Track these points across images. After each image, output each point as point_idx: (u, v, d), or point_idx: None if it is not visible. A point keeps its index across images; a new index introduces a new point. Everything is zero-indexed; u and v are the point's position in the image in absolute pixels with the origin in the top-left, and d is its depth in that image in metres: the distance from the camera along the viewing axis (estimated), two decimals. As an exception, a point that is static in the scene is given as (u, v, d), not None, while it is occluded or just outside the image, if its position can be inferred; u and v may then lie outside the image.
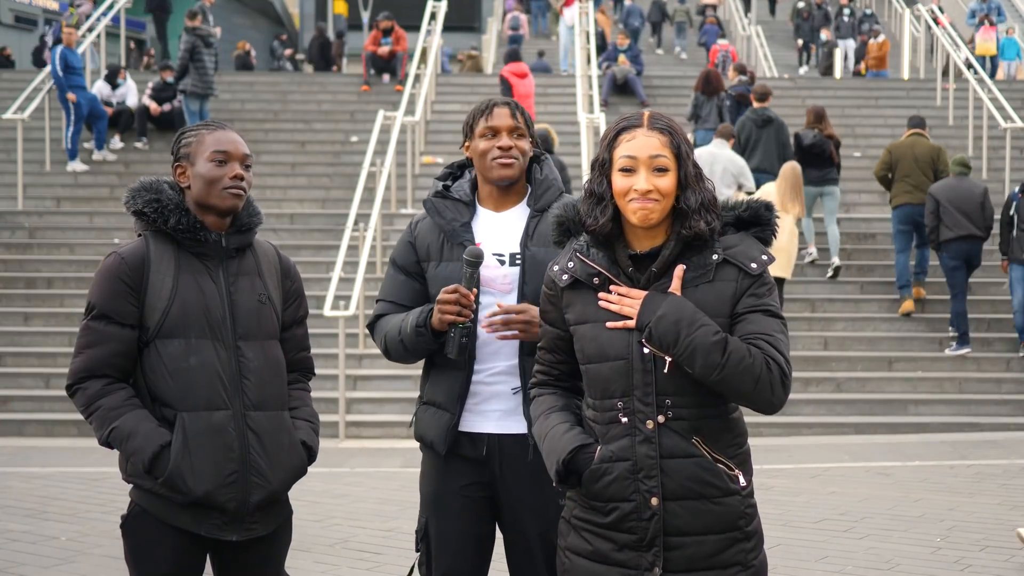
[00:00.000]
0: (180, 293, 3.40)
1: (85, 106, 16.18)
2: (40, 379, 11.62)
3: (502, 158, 3.69)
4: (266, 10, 38.86)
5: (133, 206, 3.51)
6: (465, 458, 3.73)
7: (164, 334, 3.39)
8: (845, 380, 11.75)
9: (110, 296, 3.39)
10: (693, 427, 3.02)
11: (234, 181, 3.46)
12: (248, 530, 3.46)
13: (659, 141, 3.04)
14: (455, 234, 3.72)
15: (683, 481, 3.01)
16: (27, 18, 30.71)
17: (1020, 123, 15.87)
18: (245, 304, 3.49)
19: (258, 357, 3.49)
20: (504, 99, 3.78)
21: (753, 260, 3.04)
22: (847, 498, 8.07)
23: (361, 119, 17.68)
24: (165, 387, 3.39)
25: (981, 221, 11.83)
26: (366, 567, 6.40)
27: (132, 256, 3.43)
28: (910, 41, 21.47)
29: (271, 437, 3.48)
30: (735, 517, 3.04)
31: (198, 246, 3.47)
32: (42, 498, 8.04)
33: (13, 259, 13.90)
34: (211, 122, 3.59)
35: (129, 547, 3.50)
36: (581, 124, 14.60)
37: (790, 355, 3.09)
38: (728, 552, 3.04)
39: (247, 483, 3.42)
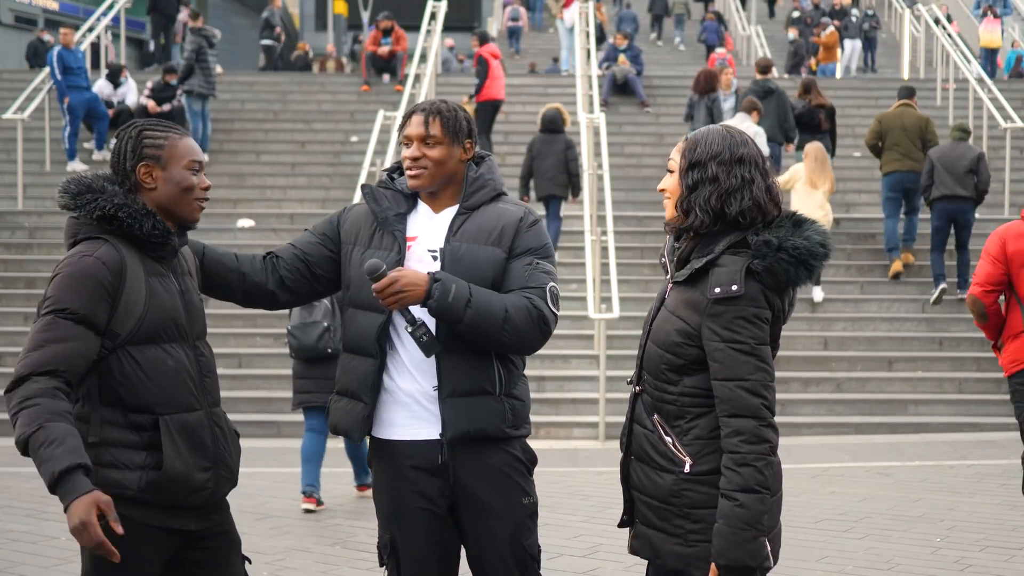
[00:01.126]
0: (153, 299, 3.36)
1: (81, 107, 16.19)
2: (40, 379, 11.62)
3: (410, 168, 3.70)
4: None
5: (98, 210, 3.33)
6: (418, 468, 3.66)
7: (139, 340, 3.33)
8: (845, 380, 11.76)
9: (88, 299, 3.26)
10: (655, 406, 3.36)
11: (204, 192, 3.48)
12: (208, 520, 3.50)
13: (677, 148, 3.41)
14: (387, 223, 3.71)
15: (638, 446, 3.42)
16: (27, 18, 30.70)
17: (1020, 123, 15.88)
18: (195, 303, 3.51)
19: (210, 354, 3.55)
20: (425, 105, 3.74)
21: (719, 285, 3.22)
22: (847, 498, 8.08)
23: (361, 119, 17.69)
24: (144, 392, 3.34)
25: (969, 183, 12.33)
26: (366, 567, 6.40)
27: (112, 262, 3.30)
28: (910, 41, 21.46)
29: (228, 431, 3.56)
30: (667, 492, 3.31)
31: (159, 250, 3.42)
32: (42, 498, 8.02)
33: (13, 259, 13.91)
34: (172, 126, 3.52)
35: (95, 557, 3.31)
36: (581, 124, 14.59)
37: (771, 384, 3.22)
38: (667, 523, 3.33)
39: (219, 478, 3.47)
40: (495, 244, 3.67)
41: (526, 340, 3.64)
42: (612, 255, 11.83)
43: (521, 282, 3.65)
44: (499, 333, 3.58)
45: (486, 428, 3.63)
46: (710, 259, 3.25)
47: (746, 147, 3.32)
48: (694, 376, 3.27)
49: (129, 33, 22.14)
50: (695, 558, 3.28)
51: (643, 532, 3.42)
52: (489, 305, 3.57)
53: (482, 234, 3.67)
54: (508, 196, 3.83)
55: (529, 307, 3.62)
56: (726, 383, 3.18)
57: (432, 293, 3.52)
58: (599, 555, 6.62)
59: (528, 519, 3.73)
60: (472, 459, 3.65)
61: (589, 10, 19.58)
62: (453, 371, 3.61)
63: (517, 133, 17.16)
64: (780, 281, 3.21)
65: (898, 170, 13.02)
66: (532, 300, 3.63)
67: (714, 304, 3.20)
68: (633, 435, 3.43)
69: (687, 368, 3.27)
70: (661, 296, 3.44)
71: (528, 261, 3.68)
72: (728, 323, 3.19)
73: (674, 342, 3.28)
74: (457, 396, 3.61)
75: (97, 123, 16.66)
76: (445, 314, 3.55)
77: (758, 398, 3.17)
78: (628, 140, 17.47)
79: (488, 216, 3.71)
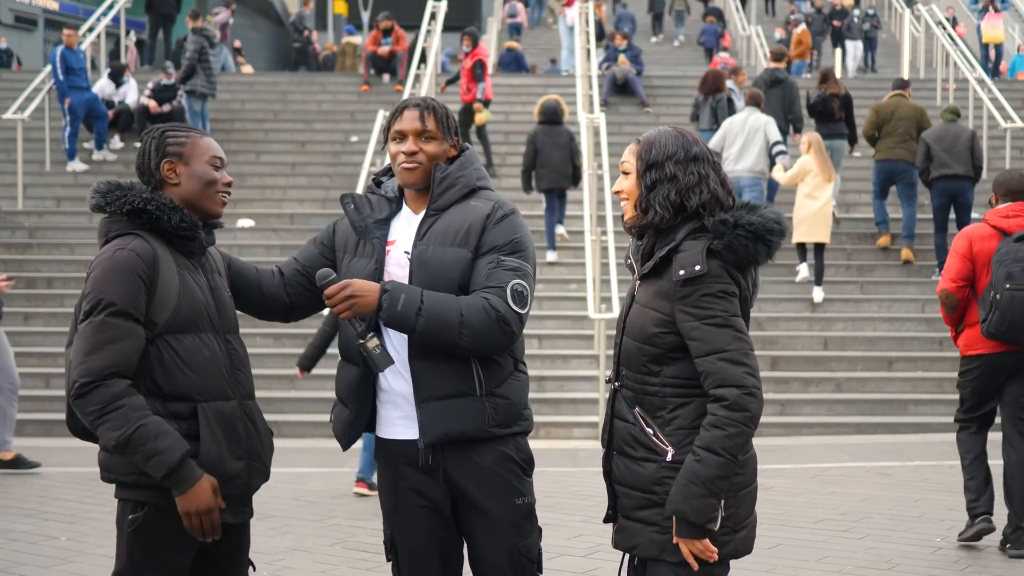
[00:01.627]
0: (186, 289, 3.45)
1: (82, 107, 16.19)
2: (40, 379, 11.63)
3: (405, 163, 3.67)
4: (266, 10, 38.84)
5: (127, 204, 3.44)
6: (416, 467, 3.67)
7: (175, 329, 3.42)
8: (845, 380, 11.75)
9: (129, 291, 3.36)
10: (636, 399, 3.45)
11: (226, 188, 3.59)
12: (242, 513, 3.57)
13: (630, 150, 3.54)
14: (366, 231, 3.71)
15: (619, 440, 3.49)
16: (27, 18, 30.69)
17: (1020, 123, 15.88)
18: (224, 299, 3.60)
19: (241, 349, 3.62)
20: (417, 100, 3.73)
21: (683, 267, 3.33)
22: (847, 498, 8.07)
23: (361, 119, 17.69)
24: (183, 380, 3.41)
25: (967, 162, 12.64)
26: (366, 567, 6.40)
27: (145, 253, 3.40)
28: (910, 41, 21.46)
29: (261, 424, 3.62)
30: (649, 481, 3.39)
31: (188, 244, 3.51)
32: (42, 498, 8.04)
33: (13, 259, 13.90)
34: (193, 128, 3.64)
35: (140, 548, 3.41)
36: (581, 124, 14.59)
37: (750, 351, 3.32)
38: (648, 511, 3.40)
39: (251, 469, 3.54)
40: (461, 245, 3.61)
41: (487, 342, 3.55)
42: (612, 255, 11.83)
43: (483, 281, 3.58)
44: (457, 338, 3.51)
45: (465, 430, 3.60)
46: (672, 247, 3.36)
47: (697, 145, 3.48)
48: (674, 365, 3.38)
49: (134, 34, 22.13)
50: (668, 543, 3.36)
51: (624, 525, 3.50)
52: (443, 310, 3.50)
53: (448, 235, 3.62)
54: (486, 190, 3.74)
55: (487, 308, 3.53)
56: (707, 358, 3.29)
57: (382, 304, 3.50)
58: (599, 555, 6.61)
59: (523, 520, 3.69)
60: (462, 459, 3.63)
61: (589, 10, 19.58)
62: (426, 376, 3.60)
63: (517, 133, 17.15)
64: (740, 257, 3.33)
65: (887, 159, 13.36)
66: (489, 300, 3.54)
67: (681, 286, 3.32)
68: (614, 430, 3.51)
69: (666, 357, 3.38)
70: (631, 294, 3.54)
71: (491, 260, 3.59)
72: (697, 301, 3.31)
73: (651, 333, 3.38)
74: (433, 400, 3.59)
75: (97, 123, 16.66)
76: (396, 323, 3.53)
77: (740, 367, 3.28)
78: (628, 140, 17.24)
79: (456, 216, 3.65)
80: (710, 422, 3.27)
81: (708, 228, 3.36)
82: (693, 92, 17.37)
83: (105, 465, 3.48)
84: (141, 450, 3.29)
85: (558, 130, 13.63)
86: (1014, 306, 6.34)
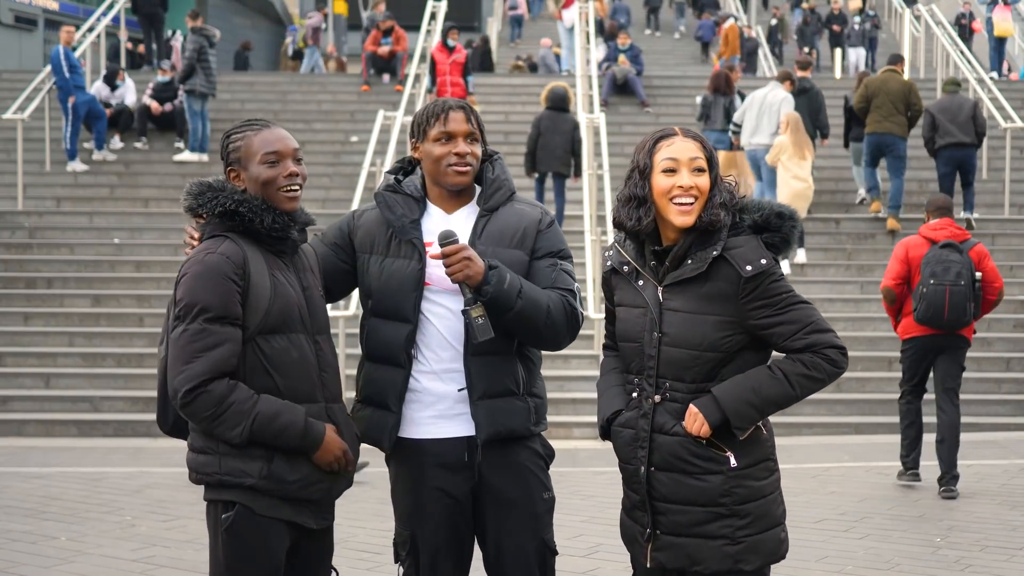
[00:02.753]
0: (278, 290, 3.42)
1: (83, 107, 16.18)
2: (40, 379, 11.63)
3: (458, 165, 3.66)
4: (266, 10, 38.81)
5: (219, 206, 3.40)
6: (442, 465, 3.68)
7: (266, 331, 3.39)
8: (845, 380, 11.74)
9: (222, 296, 3.33)
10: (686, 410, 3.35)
11: (288, 180, 3.47)
12: (324, 519, 3.56)
13: (695, 146, 3.39)
14: (404, 231, 3.69)
15: (667, 455, 3.38)
16: (27, 18, 30.68)
17: (1020, 123, 15.87)
18: (316, 299, 3.55)
19: (330, 350, 3.58)
20: (459, 102, 3.73)
21: (749, 263, 3.30)
22: (847, 498, 8.08)
23: (361, 119, 17.68)
24: (266, 382, 3.39)
25: (971, 130, 13.47)
26: (366, 567, 6.40)
27: (235, 255, 3.37)
28: (910, 41, 21.46)
29: (346, 428, 3.57)
30: (716, 494, 3.34)
31: (279, 244, 3.47)
32: (42, 498, 8.04)
33: (13, 259, 13.90)
34: (254, 121, 3.57)
35: (235, 548, 3.39)
36: (581, 124, 14.59)
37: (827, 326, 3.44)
38: (713, 525, 3.35)
39: (335, 475, 3.51)
40: (517, 246, 3.68)
41: (561, 335, 3.68)
42: (612, 255, 11.81)
43: (548, 282, 3.67)
44: (541, 326, 3.61)
45: (515, 428, 3.68)
46: (723, 246, 3.33)
47: None
48: (731, 365, 3.36)
49: (131, 33, 22.11)
50: (744, 552, 3.36)
51: (673, 542, 3.41)
52: (537, 297, 3.60)
53: (505, 236, 3.67)
54: (520, 195, 3.84)
55: (566, 304, 3.66)
56: (797, 336, 3.34)
57: (489, 279, 3.52)
58: (599, 555, 6.61)
59: (546, 513, 3.79)
60: (499, 457, 3.68)
61: (589, 10, 19.57)
62: (482, 373, 3.64)
63: (517, 133, 17.13)
64: (790, 247, 3.39)
65: (876, 132, 13.81)
66: (567, 298, 3.66)
67: (748, 282, 3.31)
68: (655, 445, 3.40)
69: (727, 359, 3.35)
70: (655, 302, 3.40)
71: (551, 263, 3.71)
72: (766, 291, 3.33)
73: (716, 338, 3.33)
74: (488, 398, 3.64)
75: (96, 123, 16.64)
76: (500, 301, 3.54)
77: (828, 332, 3.40)
78: (628, 140, 17.44)
79: (508, 217, 3.71)
80: (803, 359, 3.34)
81: (749, 224, 3.36)
82: (693, 92, 17.43)
83: (193, 466, 3.45)
84: (267, 436, 3.32)
85: (564, 117, 13.88)
86: (936, 298, 7.99)
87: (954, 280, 7.98)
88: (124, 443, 10.38)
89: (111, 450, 10.04)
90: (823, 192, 15.57)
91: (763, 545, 3.39)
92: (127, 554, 6.59)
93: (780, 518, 3.46)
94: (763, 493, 3.40)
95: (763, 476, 3.40)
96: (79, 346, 12.22)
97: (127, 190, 16.14)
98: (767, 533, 3.39)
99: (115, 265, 13.74)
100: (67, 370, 11.80)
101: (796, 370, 3.33)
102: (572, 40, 20.57)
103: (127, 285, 13.44)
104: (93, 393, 11.40)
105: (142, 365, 11.86)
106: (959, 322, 8.06)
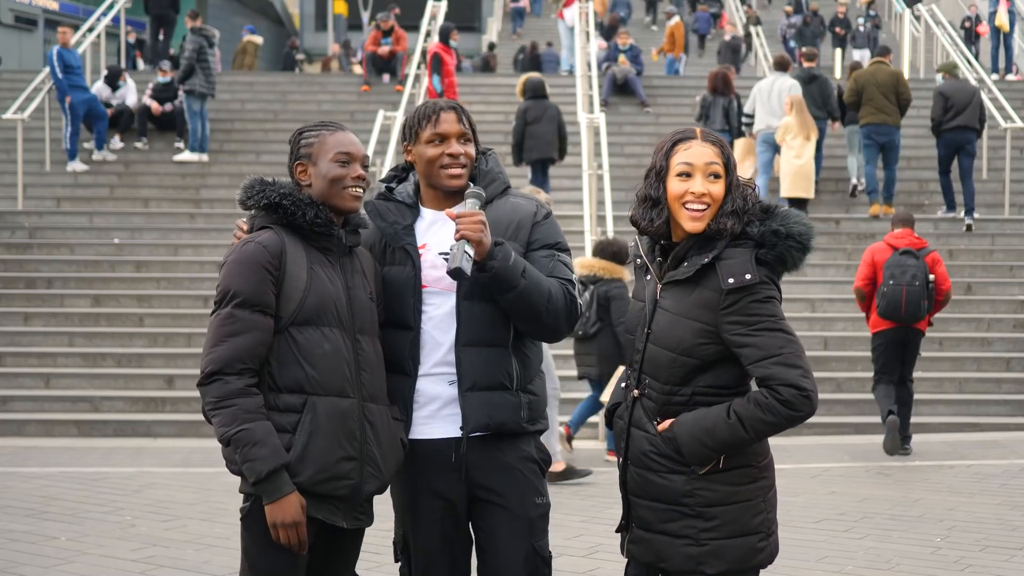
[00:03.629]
0: (314, 283, 3.47)
1: (82, 107, 16.17)
2: (40, 379, 11.63)
3: (452, 166, 3.65)
4: (266, 10, 38.86)
5: (264, 199, 3.51)
6: (434, 466, 3.67)
7: (299, 322, 3.44)
8: (845, 380, 11.75)
9: (255, 283, 3.41)
10: (659, 410, 3.37)
11: (356, 181, 3.56)
12: (356, 519, 3.57)
13: (713, 151, 3.36)
14: (397, 237, 3.69)
15: (637, 451, 3.42)
16: (27, 18, 30.70)
17: (1020, 123, 15.87)
18: (361, 299, 3.57)
19: (372, 351, 3.58)
20: (449, 103, 3.72)
21: (732, 276, 3.26)
22: (847, 498, 8.07)
23: (361, 119, 17.66)
24: (297, 372, 3.42)
25: (975, 117, 14.11)
26: (366, 567, 6.36)
27: (272, 245, 3.45)
28: (910, 41, 21.46)
29: (384, 430, 3.57)
30: (678, 493, 3.34)
31: (324, 240, 3.53)
32: (42, 498, 8.04)
33: (13, 259, 13.90)
34: (329, 123, 3.65)
35: (253, 538, 3.46)
36: (581, 124, 14.59)
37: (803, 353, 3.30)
38: (676, 524, 3.35)
39: (363, 473, 3.51)
40: (512, 238, 3.66)
41: (560, 323, 3.65)
42: (612, 255, 11.81)
43: (547, 272, 3.65)
44: (542, 310, 3.58)
45: (504, 422, 3.63)
46: (715, 255, 3.29)
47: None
48: (707, 374, 3.32)
49: (138, 35, 22.11)
50: (707, 555, 3.33)
51: (643, 537, 3.44)
52: (539, 279, 3.58)
53: (499, 228, 3.64)
54: (511, 188, 3.82)
55: (565, 292, 3.64)
56: (761, 363, 3.25)
57: (495, 255, 3.51)
58: (599, 555, 6.61)
59: (539, 520, 3.72)
60: (487, 455, 3.65)
61: (589, 10, 19.57)
62: (473, 364, 3.61)
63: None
64: (787, 267, 3.31)
65: (872, 122, 14.34)
66: (567, 287, 3.65)
67: (728, 295, 3.26)
68: (631, 440, 3.43)
69: (703, 367, 3.32)
70: (653, 298, 3.43)
71: (548, 253, 3.68)
72: (746, 308, 3.25)
73: (692, 344, 3.31)
74: (477, 390, 3.62)
75: (96, 123, 16.63)
76: (504, 276, 3.52)
77: (796, 369, 3.24)
78: (628, 140, 17.47)
79: (502, 210, 3.70)
80: (757, 400, 3.25)
81: (750, 236, 3.30)
82: (693, 92, 17.44)
83: (225, 456, 3.48)
84: (239, 453, 3.35)
85: (546, 104, 14.40)
86: (894, 296, 9.42)
87: (909, 281, 9.38)
88: (124, 443, 10.38)
89: (111, 450, 10.04)
90: (824, 192, 15.59)
91: (729, 551, 3.33)
92: (127, 554, 6.59)
93: (757, 527, 3.36)
94: (736, 499, 3.34)
95: (739, 482, 3.35)
96: (79, 346, 12.23)
97: (127, 190, 16.13)
98: (736, 540, 3.33)
99: (115, 265, 13.74)
100: (67, 370, 11.81)
101: (751, 414, 3.24)
102: (573, 39, 20.57)
103: (127, 285, 13.45)
104: (93, 393, 11.40)
105: (142, 365, 11.86)
106: (914, 317, 9.46)
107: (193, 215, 15.23)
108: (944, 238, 14.35)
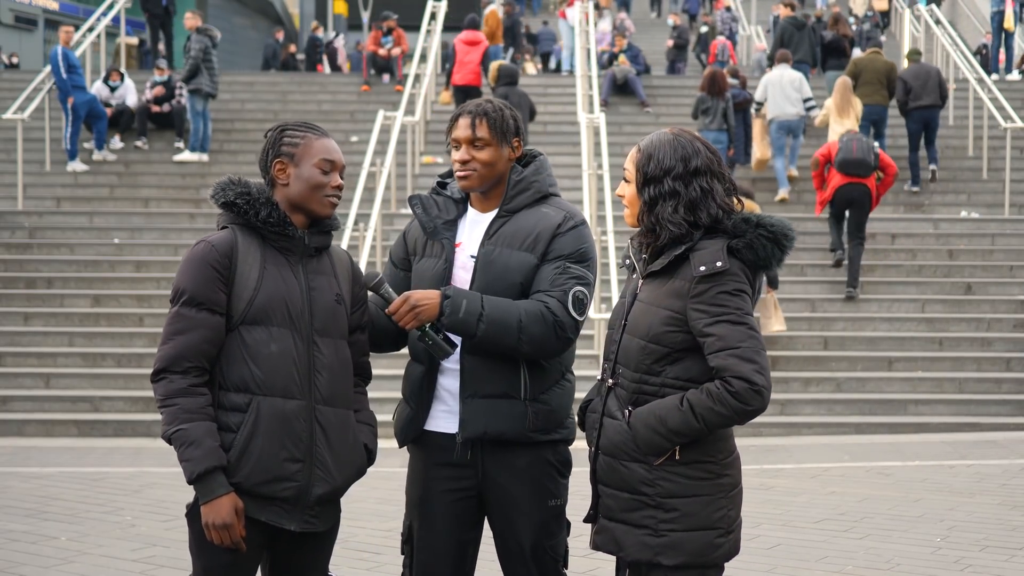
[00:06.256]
0: (265, 282, 3.47)
1: (83, 107, 16.17)
2: (40, 379, 11.63)
3: (460, 171, 3.72)
4: (266, 10, 38.86)
5: (223, 197, 3.54)
6: (449, 461, 3.71)
7: (248, 321, 3.45)
8: (845, 380, 11.75)
9: (201, 282, 3.44)
10: (630, 399, 3.41)
11: (334, 191, 3.57)
12: (307, 522, 3.52)
13: (630, 158, 3.49)
14: (435, 232, 3.75)
15: (606, 440, 3.46)
16: (27, 18, 30.71)
17: (1020, 123, 15.87)
18: (322, 301, 3.56)
19: (331, 354, 3.56)
20: (471, 107, 3.75)
21: (704, 264, 3.31)
22: (847, 498, 8.07)
23: (361, 119, 17.69)
24: (244, 371, 3.44)
25: (936, 94, 15.70)
26: (366, 567, 6.40)
27: (222, 244, 3.47)
28: (910, 41, 21.45)
29: (337, 433, 3.55)
30: (638, 481, 3.38)
31: (282, 240, 3.53)
32: (42, 498, 8.04)
33: (13, 259, 13.90)
34: (313, 126, 3.64)
35: (194, 535, 3.49)
36: (581, 124, 14.59)
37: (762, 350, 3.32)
38: (637, 513, 3.40)
39: (311, 475, 3.49)
40: (528, 249, 3.66)
41: (544, 347, 3.63)
42: (612, 255, 11.83)
43: (546, 285, 3.64)
44: (515, 343, 3.59)
45: (504, 431, 3.65)
46: (689, 246, 3.34)
47: (699, 157, 3.39)
48: (677, 365, 3.35)
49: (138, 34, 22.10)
50: (665, 547, 3.35)
51: (606, 526, 3.50)
52: (503, 316, 3.57)
53: (517, 238, 3.67)
54: (557, 197, 3.81)
55: (544, 312, 3.60)
56: (719, 354, 3.27)
57: (444, 310, 3.55)
58: (599, 555, 6.58)
59: (553, 520, 3.77)
60: (499, 457, 3.69)
61: (590, 10, 19.57)
62: (475, 373, 3.65)
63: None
64: (759, 257, 3.33)
65: (867, 104, 15.69)
66: (547, 304, 3.61)
67: (698, 283, 3.30)
68: (603, 429, 3.47)
69: (671, 356, 3.35)
70: (633, 292, 3.50)
71: (558, 265, 3.66)
72: (713, 299, 3.29)
73: (660, 331, 3.35)
74: (478, 398, 3.65)
75: (96, 123, 16.63)
76: (458, 329, 3.58)
77: (751, 364, 3.25)
78: (628, 140, 17.44)
79: (527, 220, 3.71)
80: (709, 391, 3.26)
81: (725, 229, 3.35)
82: (693, 92, 17.39)
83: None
84: (177, 452, 3.39)
85: (518, 91, 15.15)
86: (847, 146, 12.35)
87: (859, 138, 12.26)
88: (124, 443, 10.37)
89: (111, 450, 10.04)
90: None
91: (687, 544, 3.34)
92: (127, 554, 6.59)
93: (717, 522, 3.37)
94: (697, 492, 3.35)
95: (700, 476, 3.36)
96: (79, 346, 12.23)
97: (127, 190, 16.13)
98: (694, 533, 3.34)
99: (115, 265, 13.74)
100: (67, 370, 11.80)
101: (702, 403, 3.26)
102: (573, 39, 20.57)
103: (127, 285, 13.45)
104: (93, 393, 11.40)
105: (142, 365, 11.85)
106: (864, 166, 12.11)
107: (193, 215, 15.23)
108: (944, 238, 14.35)
